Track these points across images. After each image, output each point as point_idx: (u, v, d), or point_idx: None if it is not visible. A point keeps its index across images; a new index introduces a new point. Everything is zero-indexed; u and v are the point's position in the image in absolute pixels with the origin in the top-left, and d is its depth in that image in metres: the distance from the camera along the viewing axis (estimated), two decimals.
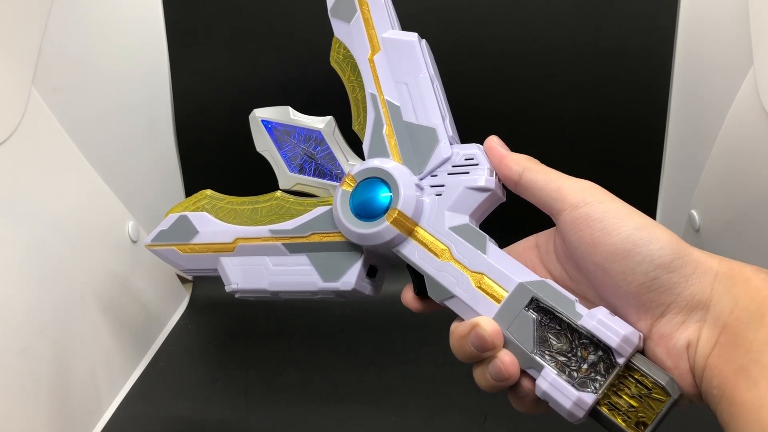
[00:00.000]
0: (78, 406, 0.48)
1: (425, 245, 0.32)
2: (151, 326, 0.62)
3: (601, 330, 0.27)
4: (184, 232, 0.38)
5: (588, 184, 0.30)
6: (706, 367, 0.26)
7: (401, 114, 0.34)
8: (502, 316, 0.29)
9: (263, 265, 0.36)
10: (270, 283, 0.35)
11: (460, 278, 0.31)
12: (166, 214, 0.39)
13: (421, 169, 0.33)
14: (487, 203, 0.32)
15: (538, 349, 0.29)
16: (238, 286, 0.36)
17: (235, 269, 0.36)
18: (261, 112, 0.39)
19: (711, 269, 0.27)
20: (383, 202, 0.32)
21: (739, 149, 0.55)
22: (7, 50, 0.48)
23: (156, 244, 0.39)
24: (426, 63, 0.35)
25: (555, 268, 0.32)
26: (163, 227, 0.39)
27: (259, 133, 0.39)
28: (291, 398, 0.53)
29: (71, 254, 0.51)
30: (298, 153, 0.38)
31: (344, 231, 0.33)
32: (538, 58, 0.62)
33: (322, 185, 0.37)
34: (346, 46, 0.37)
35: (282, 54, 0.63)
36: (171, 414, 0.52)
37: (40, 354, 0.44)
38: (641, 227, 0.27)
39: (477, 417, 0.49)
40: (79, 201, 0.55)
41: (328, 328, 0.63)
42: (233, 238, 0.37)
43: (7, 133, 0.47)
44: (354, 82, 0.37)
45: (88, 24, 0.57)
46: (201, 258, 0.38)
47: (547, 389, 0.28)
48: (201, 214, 0.38)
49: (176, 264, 0.38)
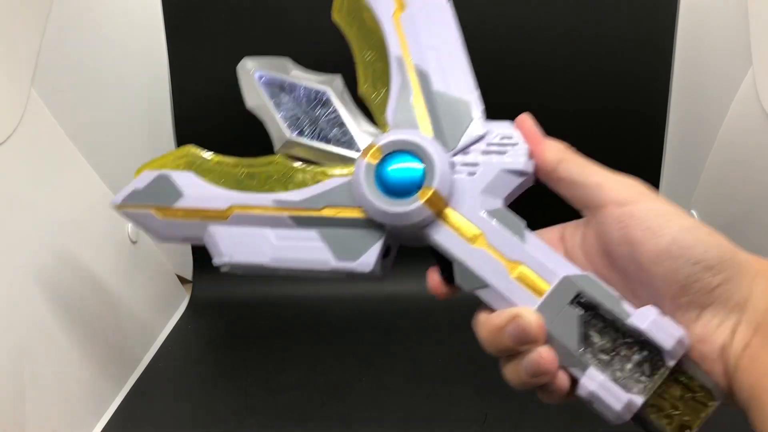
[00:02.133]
0: (77, 406, 0.48)
1: (456, 229, 0.29)
2: (151, 326, 0.62)
3: (656, 331, 0.26)
4: (165, 194, 0.33)
5: (631, 181, 0.28)
6: (738, 368, 0.25)
7: (431, 82, 0.31)
8: (545, 310, 0.28)
9: (264, 238, 0.32)
10: (272, 258, 0.31)
11: (495, 267, 0.29)
12: (139, 171, 0.34)
13: (452, 144, 0.30)
14: (522, 187, 0.30)
15: (582, 347, 0.27)
16: (231, 259, 0.32)
17: (228, 240, 0.32)
18: (254, 63, 0.34)
19: (753, 269, 0.26)
20: (416, 178, 0.29)
21: (739, 149, 0.55)
22: (7, 51, 0.48)
23: (127, 205, 0.33)
24: (458, 27, 0.32)
25: (581, 264, 0.30)
26: (137, 185, 0.33)
27: (250, 86, 0.34)
28: (291, 398, 0.53)
29: (71, 254, 0.51)
30: (298, 113, 0.33)
31: (368, 207, 0.30)
32: (538, 59, 0.62)
33: (326, 152, 0.33)
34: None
35: (282, 54, 0.63)
36: (171, 414, 0.52)
37: (40, 354, 0.44)
38: (687, 228, 0.27)
39: (477, 417, 0.49)
40: (79, 201, 0.55)
41: (327, 328, 0.63)
42: (228, 204, 0.32)
43: (7, 134, 0.47)
44: (362, 40, 0.33)
45: (88, 25, 0.57)
46: (184, 225, 0.33)
47: (595, 390, 0.26)
48: (186, 174, 0.33)
49: (151, 230, 0.33)
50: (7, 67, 0.48)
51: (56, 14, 0.53)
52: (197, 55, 0.64)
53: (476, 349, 0.29)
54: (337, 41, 0.40)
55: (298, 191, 0.32)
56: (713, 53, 0.59)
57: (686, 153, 0.64)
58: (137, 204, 0.33)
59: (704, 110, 0.61)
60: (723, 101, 0.57)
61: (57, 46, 0.53)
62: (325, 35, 0.62)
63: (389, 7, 0.33)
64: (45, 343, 0.45)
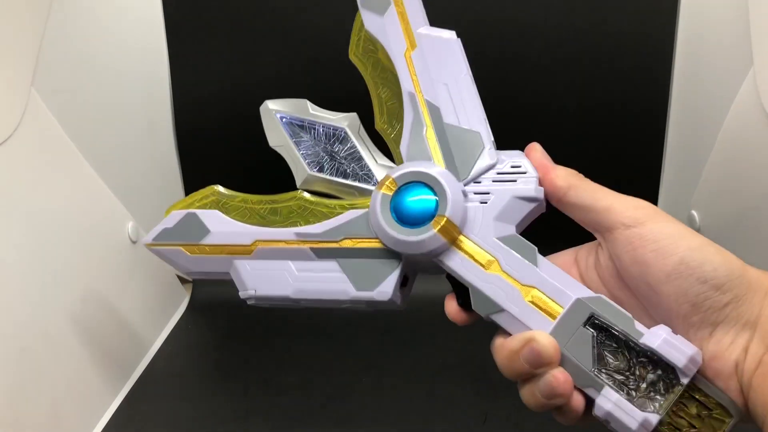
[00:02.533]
0: (78, 406, 0.48)
1: (471, 255, 0.30)
2: (151, 327, 0.62)
3: (667, 349, 0.26)
4: (193, 232, 0.35)
5: (640, 203, 0.29)
6: (752, 387, 0.26)
7: (442, 116, 0.33)
8: (559, 332, 0.28)
9: (287, 270, 0.33)
10: (295, 290, 0.33)
11: (510, 292, 0.29)
12: (168, 211, 0.36)
13: (464, 174, 0.32)
14: (533, 214, 0.31)
15: (597, 368, 0.28)
16: (256, 292, 0.33)
17: (252, 274, 0.33)
18: (275, 105, 0.36)
19: (763, 286, 0.26)
20: (429, 208, 0.31)
21: (739, 150, 0.55)
22: (7, 51, 0.48)
23: (158, 244, 0.35)
24: (465, 62, 0.33)
25: (596, 285, 0.31)
26: (166, 225, 0.35)
27: (272, 126, 0.36)
28: (291, 398, 0.53)
29: (70, 255, 0.51)
30: (318, 151, 0.35)
31: (384, 237, 0.31)
32: (538, 59, 0.62)
33: (345, 186, 0.35)
34: (373, 39, 0.35)
35: (282, 53, 0.63)
36: (171, 414, 0.52)
37: (40, 355, 0.44)
38: (695, 248, 0.27)
39: (477, 417, 0.49)
40: (79, 202, 0.55)
41: (327, 328, 0.63)
42: (252, 239, 0.34)
43: (7, 134, 0.47)
44: (377, 78, 0.35)
45: (88, 25, 0.57)
46: (211, 260, 0.34)
47: (611, 410, 0.27)
48: (212, 212, 0.35)
49: (180, 266, 0.35)
50: (7, 67, 0.48)
51: (56, 14, 0.53)
52: (197, 55, 0.64)
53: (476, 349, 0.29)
54: (336, 40, 0.40)
55: (319, 224, 0.33)
56: (714, 53, 0.59)
57: (687, 153, 0.64)
58: (167, 242, 0.35)
59: (705, 110, 0.61)
60: (723, 101, 0.57)
61: (57, 46, 0.53)
62: (326, 35, 0.63)
63: (401, 47, 0.34)
64: (45, 343, 0.45)
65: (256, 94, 0.64)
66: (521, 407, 0.52)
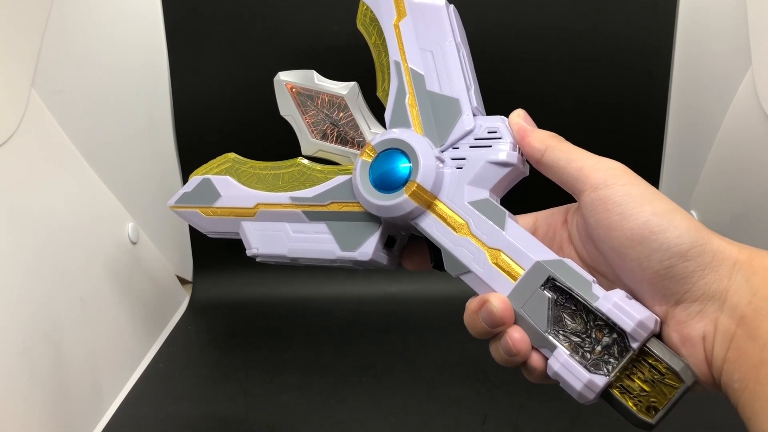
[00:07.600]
0: (79, 407, 0.48)
1: (443, 219, 0.31)
2: (151, 327, 0.62)
3: (616, 313, 0.27)
4: (207, 195, 0.38)
5: (612, 164, 0.29)
6: (726, 360, 0.25)
7: (425, 83, 0.34)
8: (517, 293, 0.29)
9: (283, 231, 0.36)
10: (289, 249, 0.35)
11: (476, 254, 0.30)
12: (191, 176, 0.39)
13: (442, 140, 0.33)
14: (509, 178, 0.31)
15: (552, 329, 0.28)
16: (258, 250, 0.36)
17: (255, 234, 0.36)
18: (286, 76, 0.38)
19: (730, 258, 0.26)
20: (402, 173, 0.32)
21: (738, 150, 0.55)
22: (7, 52, 0.48)
23: (179, 206, 0.39)
24: (453, 30, 0.34)
25: (576, 245, 0.31)
26: (186, 189, 0.39)
27: (283, 96, 0.38)
28: (291, 399, 0.53)
29: (71, 255, 0.51)
30: (321, 119, 0.37)
31: (363, 202, 0.33)
32: (538, 59, 0.62)
33: (343, 153, 0.37)
34: (372, 9, 0.36)
35: (282, 53, 0.63)
36: (171, 414, 0.52)
37: (40, 355, 0.44)
38: (660, 213, 0.26)
39: (477, 417, 0.49)
40: (79, 202, 0.55)
41: (328, 328, 0.63)
42: (254, 203, 0.36)
43: (7, 135, 0.47)
44: (380, 47, 0.36)
45: (88, 25, 0.57)
46: (223, 221, 0.38)
47: (558, 370, 0.28)
48: (224, 178, 0.38)
49: (199, 226, 0.38)
50: (7, 67, 0.48)
51: (56, 14, 0.53)
52: (197, 55, 0.64)
53: (476, 350, 0.30)
54: (336, 41, 0.41)
55: (312, 189, 0.35)
56: (712, 53, 0.59)
57: (686, 153, 0.64)
58: (187, 205, 0.38)
59: (704, 110, 0.61)
60: (722, 101, 0.57)
61: (57, 47, 0.53)
62: (326, 35, 0.63)
63: (391, 16, 0.35)
64: (45, 343, 0.45)
65: (256, 94, 0.65)
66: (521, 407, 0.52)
